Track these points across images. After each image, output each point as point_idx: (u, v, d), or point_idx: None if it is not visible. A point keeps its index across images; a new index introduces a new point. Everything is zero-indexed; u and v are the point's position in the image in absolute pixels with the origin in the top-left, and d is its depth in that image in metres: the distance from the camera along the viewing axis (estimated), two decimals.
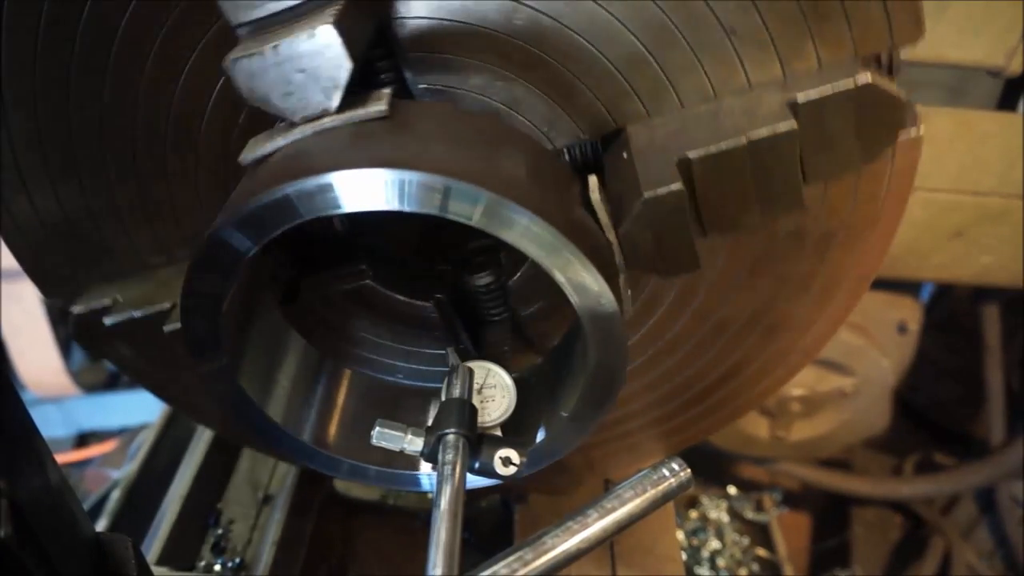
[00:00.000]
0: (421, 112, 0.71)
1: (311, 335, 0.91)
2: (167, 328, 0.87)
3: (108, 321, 0.89)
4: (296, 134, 0.67)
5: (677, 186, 0.67)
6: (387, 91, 0.68)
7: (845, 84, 0.67)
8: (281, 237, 0.68)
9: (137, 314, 0.88)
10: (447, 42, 0.72)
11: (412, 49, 0.73)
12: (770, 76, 0.70)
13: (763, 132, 0.67)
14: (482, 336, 0.94)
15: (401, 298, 0.90)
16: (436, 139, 0.67)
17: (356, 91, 0.66)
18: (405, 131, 0.67)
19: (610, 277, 0.67)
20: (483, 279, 0.89)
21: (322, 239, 0.91)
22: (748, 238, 0.80)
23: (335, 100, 0.65)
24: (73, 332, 0.92)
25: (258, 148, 0.68)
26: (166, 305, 0.87)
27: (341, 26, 0.62)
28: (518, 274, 0.88)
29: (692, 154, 0.68)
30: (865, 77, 0.66)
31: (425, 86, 0.75)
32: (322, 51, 0.63)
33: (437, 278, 0.92)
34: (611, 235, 0.72)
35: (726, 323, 0.88)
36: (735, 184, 0.70)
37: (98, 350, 0.95)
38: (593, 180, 0.73)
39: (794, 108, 0.68)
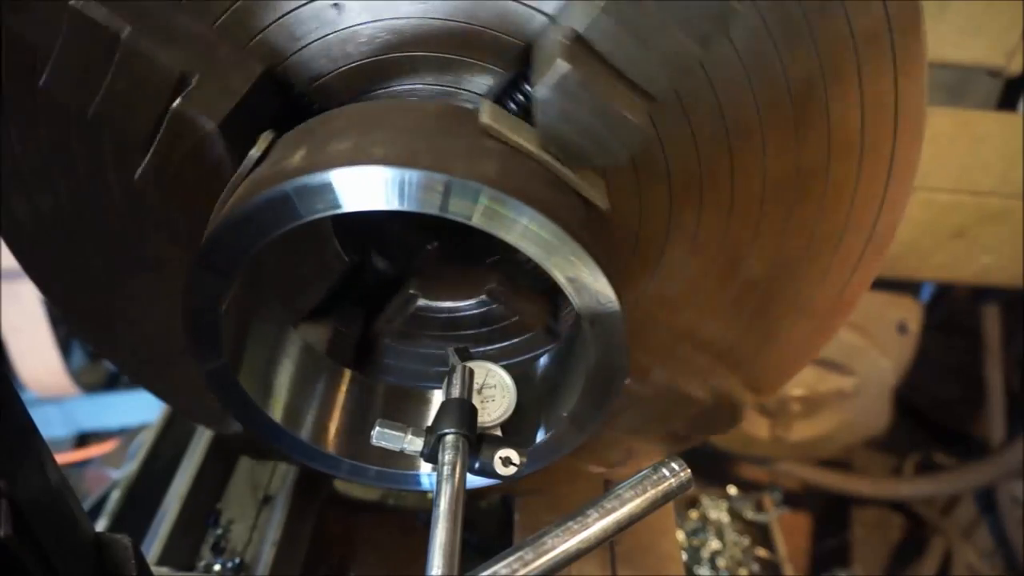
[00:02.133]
0: (292, 135, 0.71)
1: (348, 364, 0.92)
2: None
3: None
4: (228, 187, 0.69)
5: (561, 66, 0.60)
6: (265, 133, 0.69)
7: None
8: (339, 299, 0.68)
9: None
10: (334, 62, 0.72)
11: (311, 82, 0.73)
12: None
13: None
14: (557, 304, 0.92)
15: (452, 304, 0.91)
16: (344, 136, 0.66)
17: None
18: (269, 158, 0.68)
19: (611, 275, 0.67)
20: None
21: (372, 284, 0.93)
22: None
23: (227, 157, 0.68)
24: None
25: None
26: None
27: (194, 102, 0.66)
28: None
29: (577, 24, 0.62)
30: None
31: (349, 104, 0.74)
32: (185, 132, 0.67)
33: (487, 270, 0.91)
34: (532, 148, 0.66)
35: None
36: (647, 30, 0.62)
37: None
38: (483, 104, 0.68)
39: None
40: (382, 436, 0.80)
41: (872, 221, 0.81)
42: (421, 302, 0.92)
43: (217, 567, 1.07)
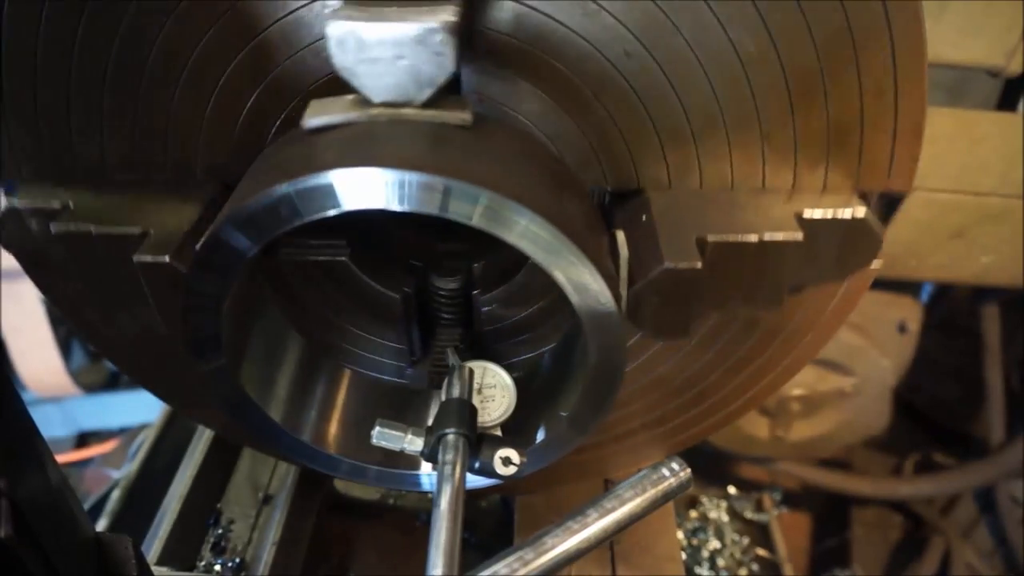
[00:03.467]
0: (497, 132, 0.71)
1: (310, 333, 0.91)
2: (137, 258, 0.74)
3: (55, 228, 0.76)
4: (373, 114, 0.66)
5: (697, 263, 0.70)
6: (469, 100, 0.69)
7: (844, 212, 0.75)
8: None
9: (95, 230, 0.76)
10: (516, 62, 0.73)
11: (484, 60, 0.73)
12: (782, 184, 0.77)
13: (778, 236, 0.73)
14: (431, 336, 0.96)
15: (372, 284, 0.90)
16: (502, 160, 0.67)
17: None
18: (480, 147, 0.67)
19: (609, 276, 0.67)
20: (450, 284, 0.91)
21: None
22: None
23: (425, 96, 0.65)
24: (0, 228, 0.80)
25: (323, 115, 0.67)
26: (134, 230, 0.75)
27: (459, 29, 0.63)
28: (504, 285, 0.89)
29: (711, 237, 0.72)
30: (861, 211, 0.74)
31: (477, 96, 0.75)
32: (434, 48, 0.63)
33: (409, 272, 0.92)
34: (623, 289, 0.75)
35: (725, 325, 0.88)
36: (734, 274, 0.74)
37: (27, 259, 0.84)
38: (621, 236, 0.76)
39: (801, 221, 0.74)
40: (382, 436, 0.80)
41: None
42: (345, 259, 0.89)
43: (217, 567, 1.07)
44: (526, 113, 0.76)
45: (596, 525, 0.66)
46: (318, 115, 0.67)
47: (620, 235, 0.78)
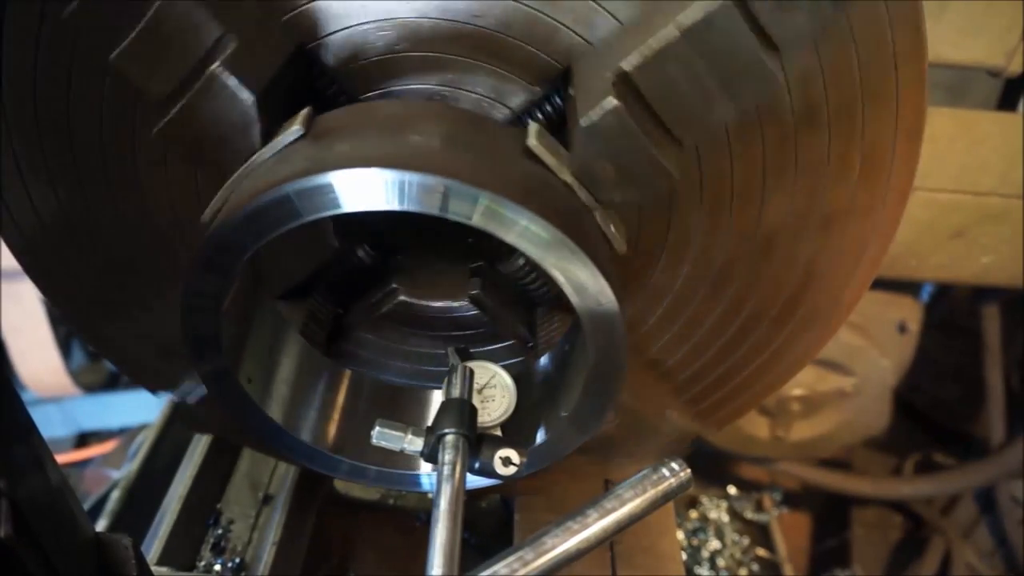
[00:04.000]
0: (338, 117, 0.71)
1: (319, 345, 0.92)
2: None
3: (190, 400, 0.95)
4: (236, 177, 0.69)
5: (610, 102, 0.63)
6: (304, 110, 0.69)
7: None
8: (318, 281, 0.66)
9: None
10: (368, 48, 0.72)
11: (343, 64, 0.73)
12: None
13: (694, 15, 0.61)
14: (535, 317, 0.93)
15: (433, 304, 0.91)
16: (347, 137, 0.67)
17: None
18: (320, 140, 0.67)
19: (610, 275, 0.67)
20: (515, 263, 0.89)
21: (354, 274, 0.93)
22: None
23: (255, 137, 0.67)
24: (181, 419, 0.96)
25: (214, 204, 0.70)
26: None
27: (231, 66, 0.65)
28: None
29: (625, 65, 0.64)
30: None
31: (373, 94, 0.75)
32: (221, 94, 0.66)
33: (471, 276, 0.92)
34: (565, 175, 0.68)
35: (741, 305, 0.87)
36: (687, 81, 0.64)
37: (205, 429, 1.01)
38: (532, 126, 0.70)
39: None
40: (382, 436, 0.80)
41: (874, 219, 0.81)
42: (402, 297, 0.92)
43: (217, 567, 1.07)
44: (415, 82, 0.75)
45: (596, 525, 0.66)
46: (210, 210, 0.71)
47: (531, 125, 0.70)
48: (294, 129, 0.67)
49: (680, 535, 1.94)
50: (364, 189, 0.61)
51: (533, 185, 0.66)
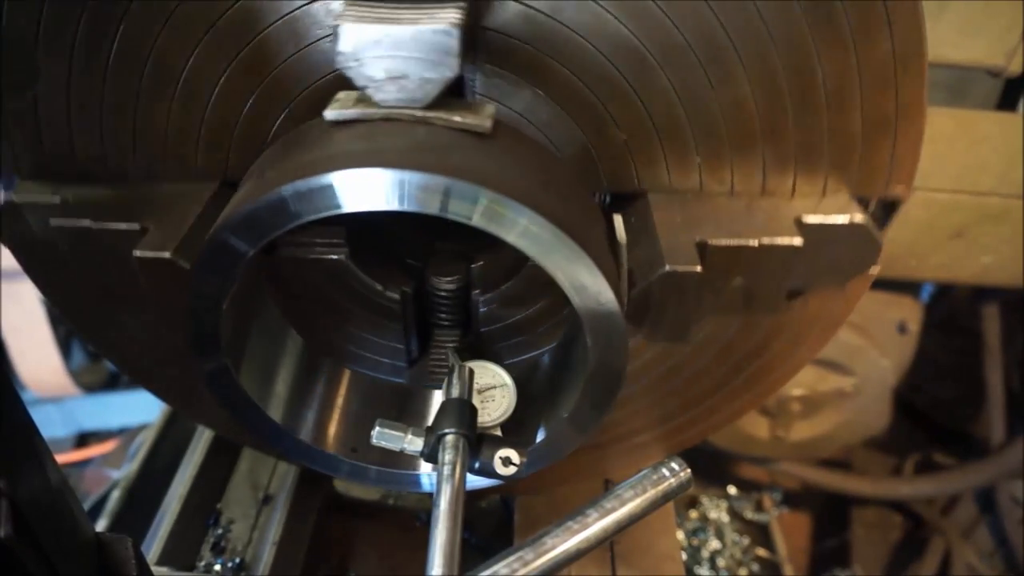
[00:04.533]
0: (515, 140, 0.71)
1: (309, 333, 0.91)
2: (138, 254, 0.74)
3: (53, 222, 0.77)
4: (378, 113, 0.67)
5: (698, 268, 0.71)
6: (491, 107, 0.69)
7: (842, 218, 0.75)
8: None
9: (93, 225, 0.76)
10: (517, 62, 0.73)
11: (489, 61, 0.74)
12: (781, 190, 0.78)
13: (778, 240, 0.73)
14: (429, 337, 0.96)
15: (371, 283, 0.90)
16: (516, 166, 0.67)
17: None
18: (498, 154, 0.67)
19: (610, 275, 0.67)
20: (448, 284, 0.91)
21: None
22: None
23: (431, 96, 0.66)
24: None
25: (346, 109, 0.68)
26: (134, 226, 0.76)
27: (465, 27, 0.64)
28: (504, 285, 0.88)
29: (712, 241, 0.72)
30: (859, 217, 0.75)
31: (480, 95, 0.76)
32: (441, 47, 0.63)
33: (408, 271, 0.92)
34: (624, 285, 0.75)
35: (726, 325, 0.88)
36: (732, 278, 0.75)
37: (26, 255, 0.85)
38: (618, 220, 0.76)
39: (800, 226, 0.74)
40: (382, 436, 0.80)
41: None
42: (344, 258, 0.88)
43: (217, 567, 1.07)
44: (526, 113, 0.76)
45: (596, 525, 0.66)
46: (338, 109, 0.67)
47: (618, 220, 0.77)
48: (481, 124, 0.67)
49: (680, 535, 1.93)
50: (363, 190, 0.61)
51: (534, 185, 0.66)
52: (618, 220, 0.78)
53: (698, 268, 0.71)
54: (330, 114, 0.67)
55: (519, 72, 0.74)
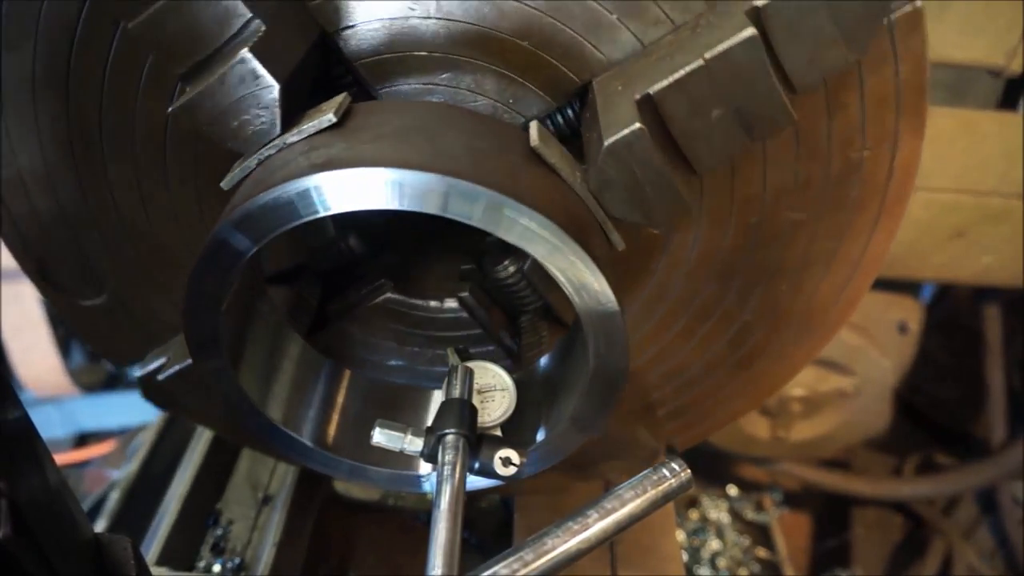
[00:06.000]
0: (372, 110, 0.71)
1: (360, 366, 0.94)
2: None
3: (160, 377, 0.94)
4: (262, 154, 0.69)
5: (636, 126, 0.63)
6: (339, 97, 0.69)
7: None
8: (304, 271, 0.65)
9: (179, 366, 0.92)
10: (394, 44, 0.72)
11: (362, 57, 0.73)
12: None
13: (720, 47, 0.62)
14: (519, 326, 0.94)
15: (422, 303, 0.91)
16: (383, 135, 0.66)
17: (314, 105, 0.69)
18: (355, 133, 0.67)
19: (611, 276, 0.67)
20: (506, 270, 0.89)
21: (342, 265, 0.93)
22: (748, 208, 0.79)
23: (277, 120, 0.67)
24: (141, 392, 0.99)
25: (233, 175, 0.70)
26: None
27: (259, 52, 0.65)
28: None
29: (652, 90, 0.64)
30: None
31: (387, 89, 0.75)
32: (246, 79, 0.65)
33: (460, 278, 0.92)
34: (574, 183, 0.69)
35: (732, 314, 0.87)
36: (708, 111, 0.65)
37: (167, 405, 1.01)
38: (534, 126, 0.70)
39: (755, 14, 0.62)
40: (382, 436, 0.80)
41: (873, 219, 0.81)
42: (389, 294, 0.92)
43: (217, 567, 1.07)
44: (435, 82, 0.75)
45: (596, 526, 0.66)
46: (229, 180, 0.71)
47: (533, 126, 0.70)
48: (326, 118, 0.67)
49: (681, 535, 1.93)
50: (364, 189, 0.61)
51: (536, 185, 0.66)
52: (533, 127, 0.70)
53: (635, 126, 0.63)
54: (226, 183, 0.71)
55: (404, 51, 0.73)
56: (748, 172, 0.77)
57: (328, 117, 0.67)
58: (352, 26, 0.72)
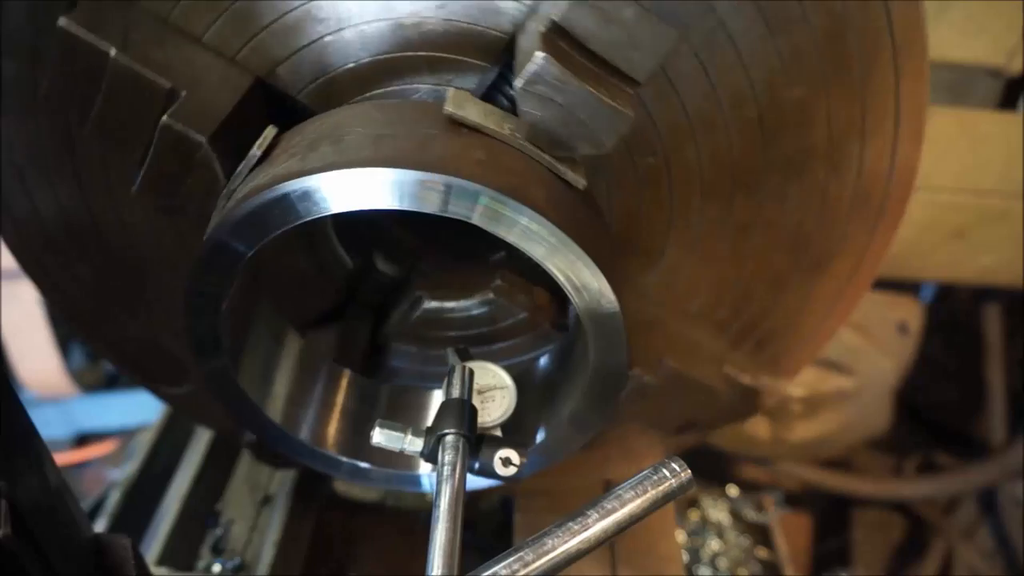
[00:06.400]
0: (295, 131, 0.71)
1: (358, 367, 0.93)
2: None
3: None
4: (220, 205, 0.71)
5: (539, 56, 0.60)
6: (265, 131, 0.70)
7: None
8: (347, 303, 0.67)
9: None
10: (319, 67, 0.72)
11: (300, 89, 0.74)
12: None
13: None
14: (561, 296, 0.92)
15: (455, 304, 0.91)
16: (294, 153, 0.67)
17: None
18: (274, 160, 0.68)
19: (611, 275, 0.67)
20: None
21: (386, 291, 0.94)
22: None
23: (218, 170, 0.69)
24: (253, 456, 1.01)
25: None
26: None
27: (180, 116, 0.68)
28: None
29: (556, 15, 0.61)
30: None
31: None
32: (181, 146, 0.68)
33: (491, 268, 0.92)
34: (512, 140, 0.67)
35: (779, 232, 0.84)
36: (620, 14, 0.61)
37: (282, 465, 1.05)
38: (449, 92, 0.69)
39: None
40: (382, 436, 0.80)
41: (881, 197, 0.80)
42: (427, 303, 0.92)
43: (217, 567, 1.07)
44: (372, 88, 0.74)
45: (596, 526, 0.66)
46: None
47: (449, 92, 0.69)
48: (252, 154, 0.69)
49: (681, 536, 1.93)
50: (361, 188, 0.61)
51: (451, 149, 0.65)
52: (449, 93, 0.69)
53: (539, 55, 0.60)
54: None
55: (331, 68, 0.74)
56: (721, 63, 0.72)
57: (253, 153, 0.69)
58: (279, 63, 0.73)
